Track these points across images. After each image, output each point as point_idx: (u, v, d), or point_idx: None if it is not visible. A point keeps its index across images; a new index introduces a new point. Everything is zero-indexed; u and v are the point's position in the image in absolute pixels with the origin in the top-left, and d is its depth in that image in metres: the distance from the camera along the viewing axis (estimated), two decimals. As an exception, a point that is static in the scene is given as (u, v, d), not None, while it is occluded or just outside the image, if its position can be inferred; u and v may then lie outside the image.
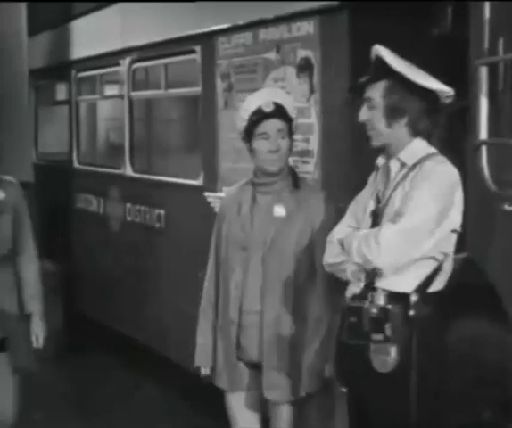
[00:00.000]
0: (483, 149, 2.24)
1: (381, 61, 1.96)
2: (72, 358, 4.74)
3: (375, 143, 2.02)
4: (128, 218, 4.56)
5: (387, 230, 1.88)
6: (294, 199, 2.31)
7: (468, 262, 2.15)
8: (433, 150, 2.00)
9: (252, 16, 3.28)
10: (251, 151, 2.33)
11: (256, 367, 2.34)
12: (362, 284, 1.95)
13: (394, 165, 2.01)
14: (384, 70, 1.95)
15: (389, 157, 2.03)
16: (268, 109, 2.26)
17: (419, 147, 1.99)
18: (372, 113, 1.99)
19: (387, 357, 1.89)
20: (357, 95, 2.07)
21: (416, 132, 1.98)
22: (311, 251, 2.27)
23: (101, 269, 4.89)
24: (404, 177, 1.96)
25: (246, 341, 2.32)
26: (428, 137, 2.00)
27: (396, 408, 1.90)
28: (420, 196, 1.88)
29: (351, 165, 2.79)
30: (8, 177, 2.75)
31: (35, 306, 2.74)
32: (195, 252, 3.59)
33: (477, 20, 2.21)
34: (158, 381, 4.33)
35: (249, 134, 2.31)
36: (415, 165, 1.95)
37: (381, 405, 1.93)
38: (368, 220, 2.01)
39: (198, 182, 3.79)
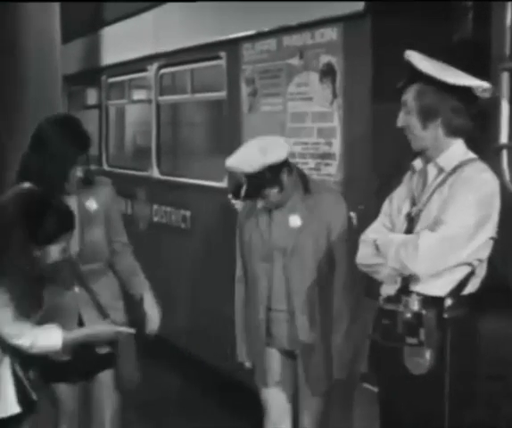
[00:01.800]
0: (504, 152, 2.24)
1: (411, 65, 1.95)
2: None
3: (415, 147, 2.01)
4: (155, 219, 4.65)
5: (426, 238, 1.86)
6: (307, 205, 2.38)
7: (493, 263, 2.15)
8: (472, 155, 1.97)
9: (277, 23, 3.34)
10: None
11: (288, 356, 2.43)
12: (396, 287, 1.95)
13: (432, 170, 1.99)
14: (415, 74, 1.95)
15: (427, 161, 2.01)
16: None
17: (458, 152, 1.96)
18: (408, 118, 1.98)
19: (421, 359, 1.89)
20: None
21: (451, 131, 1.95)
22: (329, 251, 2.37)
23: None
24: (442, 183, 1.94)
25: (277, 331, 2.42)
26: (465, 135, 1.97)
27: (430, 409, 1.90)
28: (460, 205, 1.86)
29: (373, 168, 2.83)
30: (104, 179, 2.48)
31: (146, 285, 2.43)
32: (220, 253, 3.66)
33: (499, 23, 2.22)
34: (180, 376, 4.35)
35: None
36: (454, 170, 1.93)
37: (414, 406, 1.93)
38: (403, 222, 2.00)
39: (223, 184, 3.87)
